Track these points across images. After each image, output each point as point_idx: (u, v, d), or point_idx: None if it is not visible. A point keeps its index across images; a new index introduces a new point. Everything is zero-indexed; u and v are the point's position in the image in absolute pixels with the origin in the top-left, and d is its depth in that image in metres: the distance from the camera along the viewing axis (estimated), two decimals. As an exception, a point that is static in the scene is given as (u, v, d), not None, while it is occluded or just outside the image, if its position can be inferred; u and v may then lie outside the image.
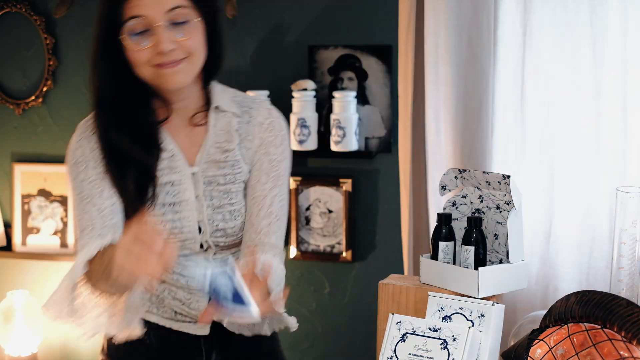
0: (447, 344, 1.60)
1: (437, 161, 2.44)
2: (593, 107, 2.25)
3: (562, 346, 1.57)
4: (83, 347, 3.14)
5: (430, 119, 2.43)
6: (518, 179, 2.31)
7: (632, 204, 1.72)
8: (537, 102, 2.32)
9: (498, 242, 1.79)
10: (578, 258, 2.29)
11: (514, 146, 2.36)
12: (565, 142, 2.29)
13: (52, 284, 3.14)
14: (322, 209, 2.84)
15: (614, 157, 2.23)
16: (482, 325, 1.64)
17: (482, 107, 2.36)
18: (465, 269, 1.72)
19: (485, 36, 2.33)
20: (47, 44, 3.04)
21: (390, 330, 1.66)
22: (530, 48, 2.30)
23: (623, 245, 1.74)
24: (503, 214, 1.77)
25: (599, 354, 1.52)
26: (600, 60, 2.22)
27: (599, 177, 2.25)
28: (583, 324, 1.57)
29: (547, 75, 2.29)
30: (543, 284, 2.34)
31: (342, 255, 2.83)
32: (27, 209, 3.11)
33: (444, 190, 1.87)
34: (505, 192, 1.76)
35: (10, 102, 3.10)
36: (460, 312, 1.67)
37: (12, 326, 2.98)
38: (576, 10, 2.23)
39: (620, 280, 1.75)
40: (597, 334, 1.54)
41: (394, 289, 1.79)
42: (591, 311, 1.57)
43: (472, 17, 2.34)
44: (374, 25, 2.73)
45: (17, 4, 3.04)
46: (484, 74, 2.35)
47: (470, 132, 2.39)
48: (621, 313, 1.53)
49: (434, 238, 1.80)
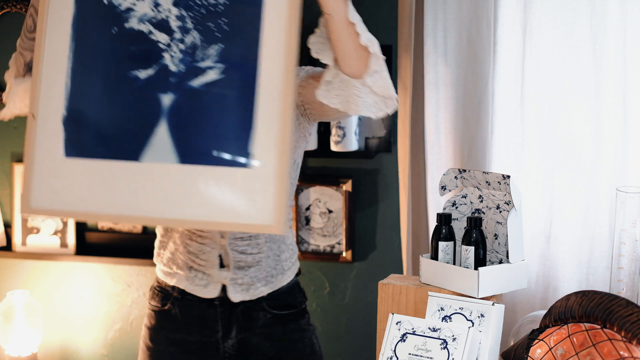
0: (447, 344, 1.60)
1: (437, 161, 2.44)
2: (593, 107, 2.25)
3: (562, 346, 1.57)
4: (83, 347, 3.14)
5: (430, 119, 2.43)
6: (518, 179, 2.31)
7: (632, 204, 1.72)
8: (537, 102, 2.32)
9: (498, 242, 1.79)
10: (578, 258, 2.29)
11: (514, 146, 2.36)
12: (565, 142, 2.28)
13: (52, 284, 3.14)
14: (322, 209, 2.84)
15: (614, 157, 2.23)
16: (482, 325, 1.64)
17: (482, 107, 2.36)
18: (465, 269, 1.72)
19: (485, 36, 2.33)
20: (47, 44, 3.04)
21: (390, 330, 1.66)
22: (530, 48, 2.30)
23: (623, 245, 1.74)
24: (503, 214, 1.77)
25: (599, 354, 1.52)
26: (600, 60, 2.22)
27: (599, 177, 2.25)
28: (583, 324, 1.57)
29: (547, 75, 2.29)
30: (543, 284, 2.34)
31: (342, 255, 2.83)
32: (27, 209, 3.11)
33: (444, 190, 1.87)
34: (505, 192, 1.76)
35: (10, 102, 3.11)
36: (460, 312, 1.67)
37: (12, 326, 2.98)
38: (576, 10, 2.23)
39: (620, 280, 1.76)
40: (597, 334, 1.54)
41: (394, 289, 1.79)
42: (591, 311, 1.57)
43: (472, 17, 2.34)
44: (373, 25, 2.72)
45: (17, 4, 3.04)
46: (483, 73, 2.35)
47: (470, 132, 2.39)
48: (621, 313, 1.53)
49: (434, 238, 1.80)
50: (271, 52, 1.71)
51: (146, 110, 1.75)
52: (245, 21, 1.73)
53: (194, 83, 1.73)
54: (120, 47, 1.77)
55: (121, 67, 1.76)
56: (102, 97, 1.77)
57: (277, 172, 1.68)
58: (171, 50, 1.75)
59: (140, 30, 1.76)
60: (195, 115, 1.74)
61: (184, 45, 1.74)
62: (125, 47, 1.77)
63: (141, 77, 1.76)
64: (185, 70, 1.74)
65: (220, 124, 1.73)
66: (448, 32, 2.37)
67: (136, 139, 1.75)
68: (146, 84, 1.76)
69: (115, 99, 1.76)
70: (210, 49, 1.73)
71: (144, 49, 1.76)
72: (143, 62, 1.76)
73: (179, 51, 1.75)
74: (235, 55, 1.73)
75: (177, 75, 1.75)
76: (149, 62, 1.76)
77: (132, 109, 1.76)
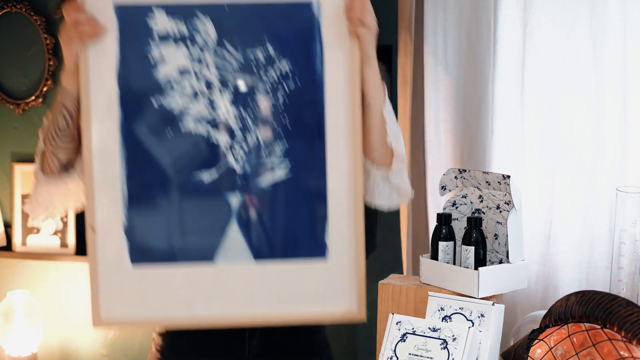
0: (447, 344, 1.60)
1: (437, 161, 2.44)
2: (593, 107, 2.24)
3: (562, 346, 1.57)
4: (83, 347, 3.14)
5: (430, 119, 2.43)
6: (518, 179, 2.31)
7: (632, 204, 1.72)
8: (537, 102, 2.31)
9: (498, 242, 1.79)
10: (578, 258, 2.29)
11: (514, 146, 2.36)
12: (565, 142, 2.28)
13: (52, 284, 3.14)
14: (322, 209, 2.83)
15: (614, 157, 2.23)
16: (482, 325, 1.64)
17: (481, 107, 2.36)
18: (465, 269, 1.72)
19: (485, 36, 2.33)
20: (47, 44, 3.04)
21: (390, 330, 1.66)
22: (530, 48, 2.30)
23: (623, 245, 1.74)
24: (503, 214, 1.77)
25: (599, 354, 1.52)
26: (600, 60, 2.22)
27: (599, 177, 2.25)
28: (583, 324, 1.57)
29: (547, 75, 2.29)
30: (543, 284, 2.34)
31: (342, 255, 2.82)
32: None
33: (444, 190, 1.87)
34: (505, 192, 1.76)
35: (10, 102, 3.10)
36: (460, 312, 1.67)
37: (12, 326, 2.98)
38: (576, 10, 2.23)
39: (620, 280, 1.76)
40: (597, 334, 1.54)
41: (394, 289, 1.79)
42: (591, 311, 1.57)
43: (472, 17, 2.34)
44: (374, 25, 2.73)
45: (17, 4, 3.04)
46: (483, 74, 2.35)
47: (470, 132, 2.39)
48: (621, 313, 1.53)
49: (433, 238, 1.80)
50: (336, 148, 1.74)
51: (215, 212, 1.74)
52: (308, 118, 1.75)
53: (262, 182, 1.74)
54: (179, 150, 1.73)
55: (182, 171, 1.73)
56: (164, 203, 1.74)
57: (353, 260, 1.73)
58: (234, 151, 1.74)
59: (198, 132, 1.74)
60: (266, 212, 1.75)
61: (246, 145, 1.73)
62: (184, 150, 1.74)
63: (205, 180, 1.74)
64: (251, 170, 1.74)
65: (293, 218, 1.75)
66: (448, 32, 2.37)
67: (208, 241, 1.74)
68: (212, 186, 1.74)
69: (180, 203, 1.74)
70: (274, 147, 1.74)
71: (205, 150, 1.73)
72: (205, 164, 1.74)
73: (242, 151, 1.74)
74: (300, 152, 1.74)
75: (243, 176, 1.74)
76: (212, 164, 1.74)
77: (200, 212, 1.74)
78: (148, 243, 1.74)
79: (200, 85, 1.73)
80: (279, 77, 1.74)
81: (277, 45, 1.73)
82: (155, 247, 1.74)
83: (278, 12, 1.73)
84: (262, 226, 1.75)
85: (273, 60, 1.73)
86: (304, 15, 1.73)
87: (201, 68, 1.73)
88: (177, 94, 1.72)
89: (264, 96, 1.73)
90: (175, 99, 1.72)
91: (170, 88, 1.72)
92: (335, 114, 1.74)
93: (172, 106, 1.72)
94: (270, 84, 1.73)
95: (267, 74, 1.73)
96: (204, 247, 1.74)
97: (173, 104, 1.72)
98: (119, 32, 1.71)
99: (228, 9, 1.72)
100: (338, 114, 1.74)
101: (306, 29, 1.74)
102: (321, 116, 1.73)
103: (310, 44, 1.74)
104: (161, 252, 1.74)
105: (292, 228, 1.75)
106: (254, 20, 1.73)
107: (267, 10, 1.73)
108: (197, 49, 1.72)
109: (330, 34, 1.73)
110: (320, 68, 1.73)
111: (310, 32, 1.73)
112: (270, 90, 1.73)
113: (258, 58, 1.73)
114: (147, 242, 1.74)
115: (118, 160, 1.72)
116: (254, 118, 1.74)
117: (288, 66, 1.73)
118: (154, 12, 1.72)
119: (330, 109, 1.73)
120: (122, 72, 1.71)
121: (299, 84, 1.74)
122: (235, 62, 1.73)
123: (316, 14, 1.73)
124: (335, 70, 1.73)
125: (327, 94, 1.73)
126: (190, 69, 1.73)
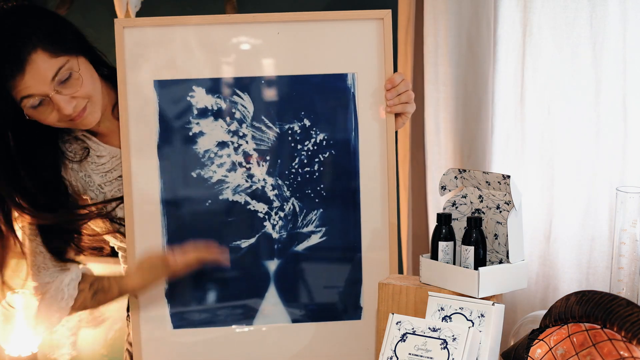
0: (447, 344, 1.60)
1: (437, 161, 2.44)
2: (593, 107, 2.25)
3: (562, 346, 1.57)
4: (83, 347, 3.14)
5: (430, 119, 2.43)
6: (518, 179, 2.31)
7: (632, 204, 1.72)
8: (537, 102, 2.31)
9: (498, 242, 1.79)
10: (578, 258, 2.29)
11: (514, 146, 2.36)
12: (565, 142, 2.28)
13: (52, 284, 3.13)
14: (322, 209, 2.83)
15: (614, 157, 2.23)
16: (482, 325, 1.64)
17: (482, 107, 2.36)
18: (465, 269, 1.72)
19: (485, 36, 2.33)
20: (47, 44, 3.04)
21: (390, 330, 1.66)
22: (530, 48, 2.30)
23: (623, 245, 1.74)
24: (503, 214, 1.77)
25: (599, 354, 1.52)
26: (600, 60, 2.22)
27: (599, 177, 2.25)
28: (583, 324, 1.57)
29: (547, 75, 2.29)
30: (543, 284, 2.34)
31: (342, 255, 2.82)
32: (27, 209, 3.11)
33: (443, 190, 1.87)
34: (505, 192, 1.76)
35: (10, 102, 3.10)
36: (460, 312, 1.67)
37: (12, 326, 2.98)
38: (576, 10, 2.23)
39: (620, 280, 1.76)
40: (597, 334, 1.54)
41: (394, 289, 1.79)
42: (591, 311, 1.57)
43: (472, 17, 2.34)
44: (373, 25, 2.72)
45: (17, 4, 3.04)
46: (483, 73, 2.35)
47: (470, 132, 2.39)
48: (621, 313, 1.53)
49: (433, 238, 1.80)
50: (370, 213, 1.80)
51: (253, 277, 1.80)
52: (343, 186, 1.80)
53: (299, 248, 1.80)
54: (217, 218, 1.78)
55: (221, 238, 1.78)
56: (204, 269, 1.78)
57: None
58: (271, 219, 1.79)
59: (236, 200, 1.78)
60: (303, 276, 1.80)
61: (283, 213, 1.78)
62: (222, 218, 1.79)
63: (243, 246, 1.79)
64: (288, 237, 1.79)
65: (329, 282, 1.80)
66: (448, 32, 2.37)
67: (247, 305, 1.79)
68: (249, 252, 1.79)
69: (219, 270, 1.79)
70: (310, 214, 1.78)
71: (243, 219, 1.79)
72: (243, 231, 1.78)
73: (279, 219, 1.78)
74: (335, 218, 1.79)
75: (280, 241, 1.79)
76: (250, 231, 1.79)
77: (238, 278, 1.79)
78: (188, 308, 1.80)
79: (238, 157, 1.77)
80: (314, 146, 1.78)
81: (312, 116, 1.78)
82: (194, 311, 1.80)
83: (313, 84, 1.78)
84: (299, 290, 1.80)
85: (308, 130, 1.77)
86: (339, 87, 1.78)
87: (239, 140, 1.77)
88: (215, 166, 1.77)
89: (300, 165, 1.77)
90: (213, 170, 1.78)
91: (209, 161, 1.77)
92: (369, 180, 1.79)
93: (209, 175, 1.77)
94: (306, 152, 1.77)
95: (302, 144, 1.78)
96: (244, 311, 1.80)
97: (212, 175, 1.77)
98: (158, 106, 1.76)
99: (265, 83, 1.77)
100: (373, 180, 1.79)
101: (341, 100, 1.79)
102: (356, 183, 1.79)
103: (345, 115, 1.79)
104: (200, 315, 1.80)
105: (328, 292, 1.80)
106: (290, 93, 1.78)
107: (303, 82, 1.77)
108: (235, 123, 1.77)
109: (364, 105, 1.79)
110: (355, 137, 1.78)
111: (345, 103, 1.79)
112: (306, 160, 1.77)
113: (294, 129, 1.77)
114: (187, 307, 1.80)
115: (159, 230, 1.79)
116: (290, 187, 1.78)
117: (323, 136, 1.78)
118: (194, 89, 1.77)
119: (364, 175, 1.79)
120: (160, 144, 1.78)
121: (334, 152, 1.79)
122: (272, 134, 1.78)
123: (350, 85, 1.78)
124: (369, 140, 1.79)
125: (362, 162, 1.78)
126: (229, 142, 1.78)
